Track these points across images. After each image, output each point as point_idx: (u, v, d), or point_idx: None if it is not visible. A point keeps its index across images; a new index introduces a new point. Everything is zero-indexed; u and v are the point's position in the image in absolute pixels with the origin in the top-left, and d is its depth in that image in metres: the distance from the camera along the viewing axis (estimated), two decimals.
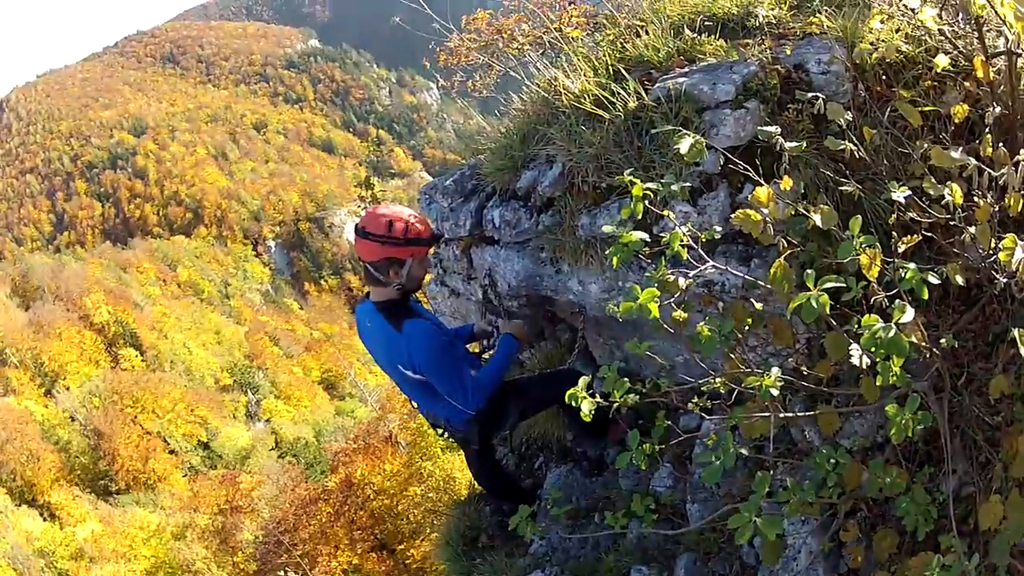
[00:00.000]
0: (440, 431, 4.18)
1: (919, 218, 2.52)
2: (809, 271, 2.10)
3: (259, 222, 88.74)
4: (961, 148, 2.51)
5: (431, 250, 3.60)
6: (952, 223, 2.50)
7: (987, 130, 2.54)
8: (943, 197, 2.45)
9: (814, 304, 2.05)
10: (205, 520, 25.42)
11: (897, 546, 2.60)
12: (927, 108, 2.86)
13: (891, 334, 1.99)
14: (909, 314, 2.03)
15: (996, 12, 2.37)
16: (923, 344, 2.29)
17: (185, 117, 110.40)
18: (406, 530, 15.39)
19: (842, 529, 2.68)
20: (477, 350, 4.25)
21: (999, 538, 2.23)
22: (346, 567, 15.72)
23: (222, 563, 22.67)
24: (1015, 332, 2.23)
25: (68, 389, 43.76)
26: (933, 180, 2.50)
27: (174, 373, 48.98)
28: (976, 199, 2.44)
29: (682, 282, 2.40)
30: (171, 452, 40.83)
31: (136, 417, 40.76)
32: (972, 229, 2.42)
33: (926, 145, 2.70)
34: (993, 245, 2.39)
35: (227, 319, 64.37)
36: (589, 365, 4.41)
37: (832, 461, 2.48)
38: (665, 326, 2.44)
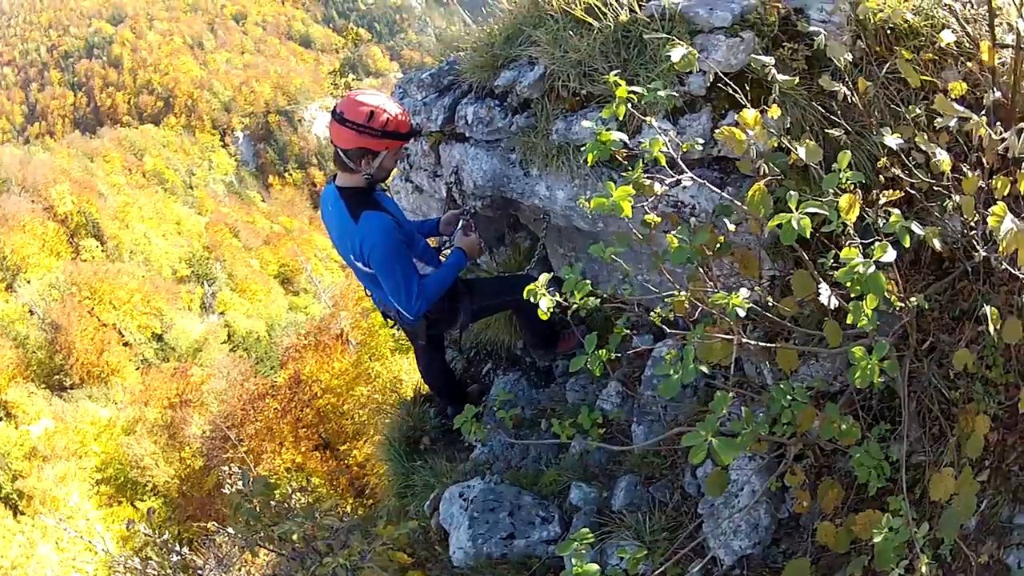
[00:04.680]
0: (391, 322, 4.14)
1: (903, 176, 2.46)
2: (792, 193, 2.04)
3: (229, 113, 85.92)
4: (956, 118, 2.44)
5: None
6: (936, 188, 2.47)
7: (983, 112, 2.47)
8: (929, 163, 2.40)
9: (795, 225, 1.98)
10: (155, 414, 25.12)
11: (843, 501, 2.60)
12: (925, 77, 2.78)
13: (870, 270, 1.95)
14: (891, 254, 1.98)
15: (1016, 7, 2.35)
16: (895, 295, 2.25)
17: (165, 6, 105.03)
18: (350, 430, 15.15)
19: (789, 472, 2.66)
20: (435, 245, 4.17)
21: (948, 513, 2.23)
22: (289, 465, 15.51)
23: (170, 458, 22.47)
24: (987, 309, 2.23)
25: (29, 283, 41.99)
26: (925, 137, 2.44)
27: (133, 263, 47.65)
28: (965, 171, 2.40)
29: (657, 187, 2.31)
30: (125, 344, 39.89)
31: (93, 309, 39.60)
32: (957, 198, 2.39)
33: (918, 110, 2.65)
34: (976, 218, 2.36)
35: (189, 209, 62.70)
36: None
37: (789, 398, 2.41)
38: (635, 233, 2.38)
